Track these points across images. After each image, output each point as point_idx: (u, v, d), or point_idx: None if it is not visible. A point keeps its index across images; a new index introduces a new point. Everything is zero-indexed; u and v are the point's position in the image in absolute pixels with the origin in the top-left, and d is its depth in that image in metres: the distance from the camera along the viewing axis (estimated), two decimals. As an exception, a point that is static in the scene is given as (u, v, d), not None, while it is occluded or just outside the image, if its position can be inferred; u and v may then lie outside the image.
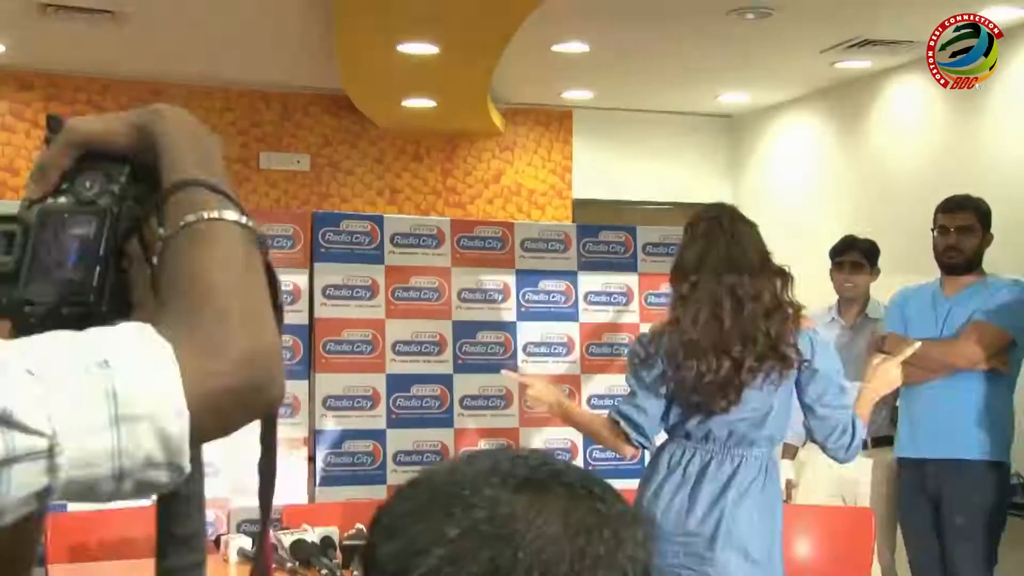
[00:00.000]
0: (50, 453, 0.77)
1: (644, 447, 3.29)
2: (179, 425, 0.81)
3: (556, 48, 6.27)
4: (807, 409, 3.22)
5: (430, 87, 6.70)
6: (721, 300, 3.11)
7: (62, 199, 0.96)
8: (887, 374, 3.38)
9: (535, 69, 6.83)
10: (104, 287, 0.94)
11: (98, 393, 0.79)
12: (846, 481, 4.81)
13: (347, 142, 7.74)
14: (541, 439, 5.11)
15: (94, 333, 0.82)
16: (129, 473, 0.80)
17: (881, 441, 4.77)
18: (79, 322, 0.86)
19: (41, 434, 0.77)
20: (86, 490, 0.80)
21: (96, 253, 0.94)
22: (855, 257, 5.07)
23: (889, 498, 4.73)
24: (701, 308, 3.11)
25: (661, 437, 3.34)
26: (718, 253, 3.17)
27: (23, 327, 0.91)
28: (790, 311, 3.15)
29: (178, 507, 1.05)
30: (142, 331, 0.83)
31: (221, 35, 6.22)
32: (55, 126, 1.00)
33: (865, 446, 4.51)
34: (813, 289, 5.16)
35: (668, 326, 3.19)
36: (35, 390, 0.77)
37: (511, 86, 7.34)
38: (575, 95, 7.67)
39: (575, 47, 6.27)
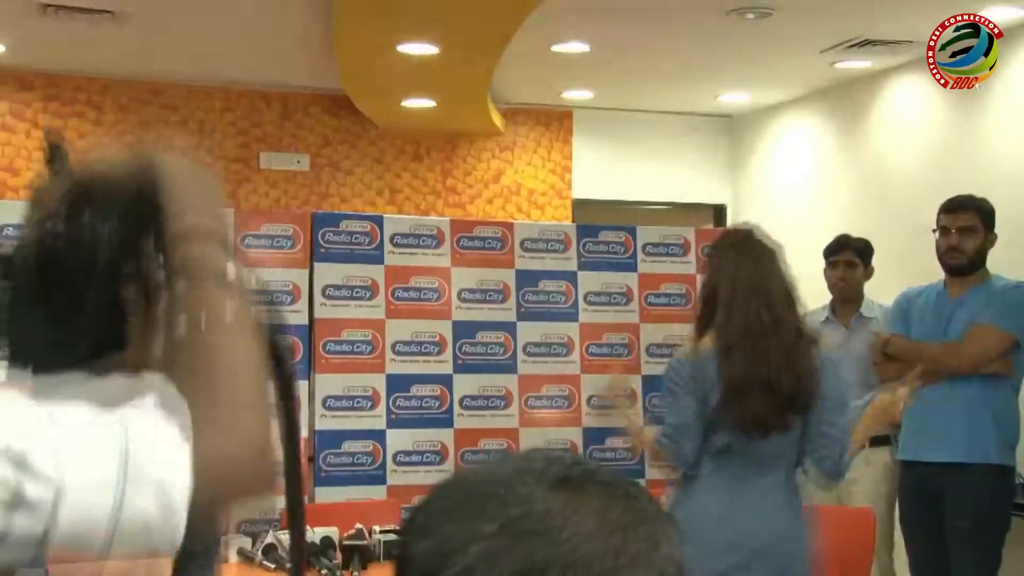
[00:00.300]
0: (54, 502, 0.78)
1: (687, 470, 3.29)
2: (181, 496, 0.82)
3: (556, 48, 6.27)
4: (807, 427, 3.22)
5: (430, 87, 6.70)
6: (763, 328, 3.17)
7: (60, 230, 0.96)
8: (887, 415, 3.38)
9: (535, 69, 6.83)
10: (97, 325, 0.94)
11: (111, 450, 0.80)
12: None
13: (347, 142, 7.74)
14: (542, 439, 5.11)
15: (118, 383, 0.83)
16: (123, 535, 0.80)
17: (878, 441, 4.75)
18: (72, 357, 0.87)
19: (49, 481, 0.77)
20: (79, 542, 0.80)
21: (90, 291, 0.94)
22: (848, 256, 5.07)
23: (887, 498, 4.72)
24: (745, 338, 3.17)
25: None
26: (748, 277, 3.22)
27: (15, 356, 0.91)
28: (812, 334, 3.25)
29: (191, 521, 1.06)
30: (163, 394, 0.84)
31: (221, 35, 6.22)
32: (56, 154, 1.00)
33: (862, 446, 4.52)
34: (812, 289, 5.17)
35: (708, 352, 3.22)
36: (51, 435, 0.78)
37: (511, 86, 7.34)
38: (575, 95, 7.66)
39: (575, 47, 6.27)
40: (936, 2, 5.05)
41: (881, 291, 5.06)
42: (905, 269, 5.36)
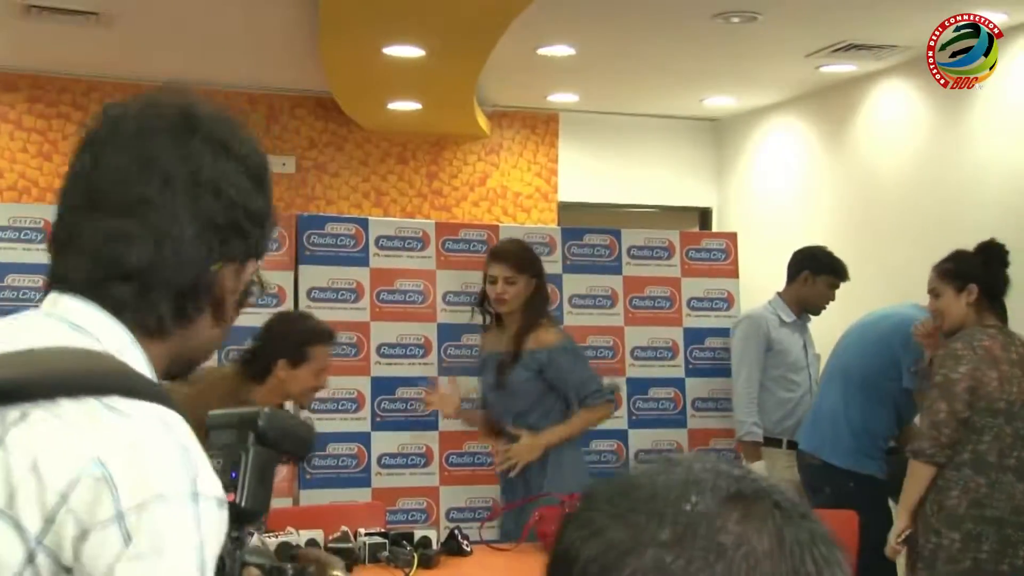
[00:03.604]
0: None
1: None
2: None
3: (542, 51, 6.27)
4: None
5: (416, 90, 6.70)
6: None
7: None
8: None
9: (521, 72, 6.83)
10: None
11: None
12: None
13: (333, 144, 7.73)
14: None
15: None
16: None
17: None
18: None
19: None
20: None
21: None
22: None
23: None
24: None
25: None
26: None
27: None
28: None
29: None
30: None
31: (207, 37, 6.21)
32: None
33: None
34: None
35: None
36: None
37: (497, 89, 7.35)
38: (561, 98, 7.67)
39: (561, 50, 6.27)
40: (920, 7, 5.08)
41: (862, 293, 5.08)
42: (886, 270, 5.39)
